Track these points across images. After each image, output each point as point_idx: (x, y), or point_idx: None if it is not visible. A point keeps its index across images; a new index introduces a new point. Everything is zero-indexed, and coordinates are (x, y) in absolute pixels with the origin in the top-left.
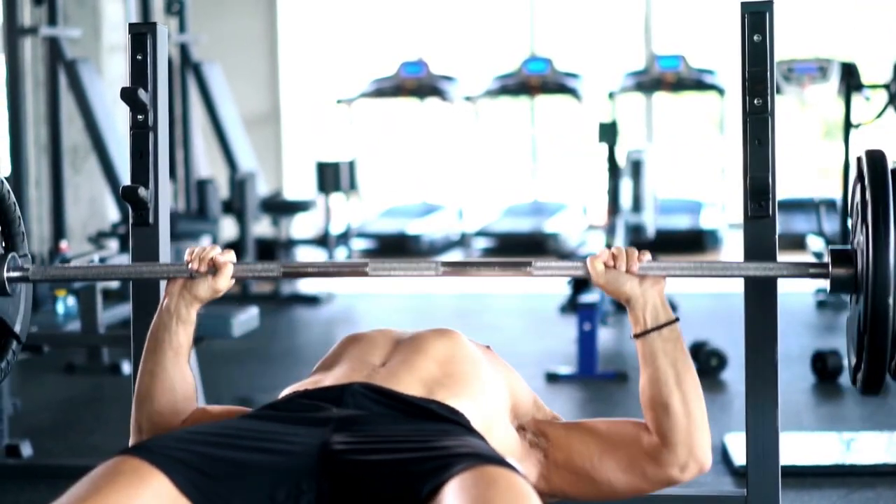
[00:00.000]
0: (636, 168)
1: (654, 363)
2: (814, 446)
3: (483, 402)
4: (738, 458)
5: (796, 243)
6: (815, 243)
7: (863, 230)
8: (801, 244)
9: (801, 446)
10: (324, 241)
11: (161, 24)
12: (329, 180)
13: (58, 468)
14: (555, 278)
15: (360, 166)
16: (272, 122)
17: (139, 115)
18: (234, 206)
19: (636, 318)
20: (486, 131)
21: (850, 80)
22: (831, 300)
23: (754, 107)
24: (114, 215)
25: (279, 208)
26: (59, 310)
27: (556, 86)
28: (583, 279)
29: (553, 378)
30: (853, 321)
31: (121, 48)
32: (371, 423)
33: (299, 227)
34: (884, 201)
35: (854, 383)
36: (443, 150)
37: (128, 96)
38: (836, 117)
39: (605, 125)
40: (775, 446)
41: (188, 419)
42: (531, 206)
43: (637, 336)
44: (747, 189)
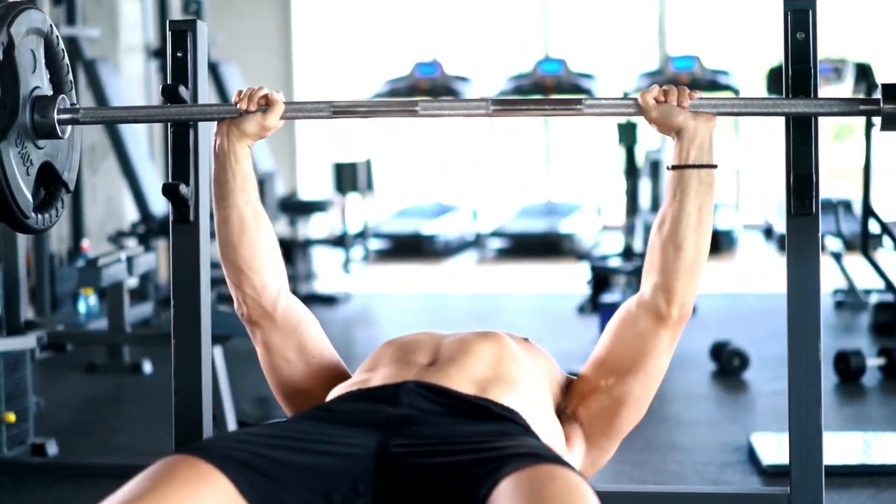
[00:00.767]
0: (655, 169)
1: (682, 199)
2: (840, 446)
3: (531, 399)
4: (766, 457)
5: None
6: (832, 244)
7: None
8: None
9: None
10: (341, 240)
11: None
12: (346, 180)
13: (85, 467)
14: (605, 118)
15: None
16: (287, 122)
17: None
18: None
19: (680, 150)
20: (501, 132)
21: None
22: (849, 301)
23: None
24: (131, 215)
25: (297, 208)
26: (81, 308)
27: (571, 86)
28: (603, 278)
29: None
30: None
31: (138, 48)
32: (428, 424)
33: (315, 227)
34: None
35: None
36: (457, 150)
37: (168, 93)
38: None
39: (624, 126)
40: (819, 445)
41: (282, 296)
42: (545, 206)
43: (675, 167)
44: (791, 187)
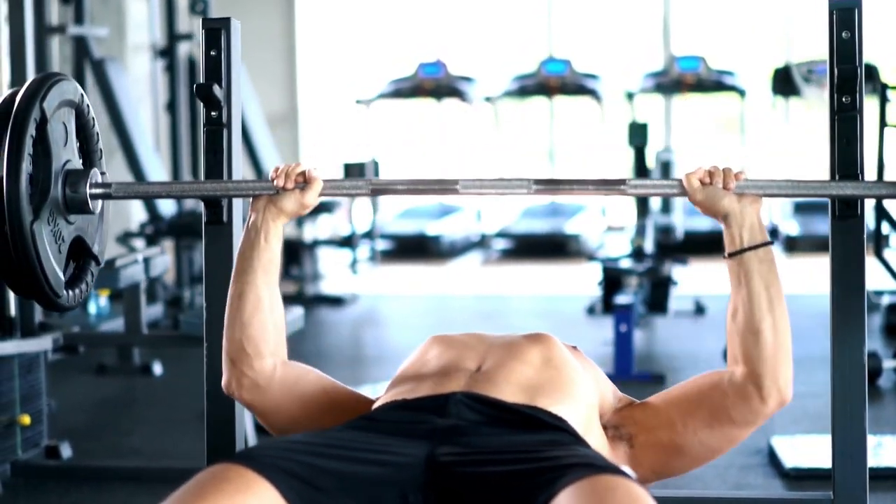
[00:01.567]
0: (665, 169)
1: (748, 284)
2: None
3: (580, 406)
4: (788, 460)
5: (816, 245)
6: None
7: None
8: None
9: None
10: (349, 241)
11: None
12: None
13: (101, 470)
14: (650, 197)
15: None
16: (290, 122)
17: (213, 112)
18: None
19: (732, 237)
20: (505, 132)
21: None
22: None
23: (843, 105)
24: (138, 215)
25: None
26: (91, 310)
27: (575, 87)
28: (614, 279)
29: None
30: None
31: (144, 47)
32: (477, 435)
33: (322, 227)
34: None
35: None
36: (461, 150)
37: (202, 92)
38: None
39: (634, 126)
40: (863, 450)
41: (278, 368)
42: (549, 207)
43: (732, 255)
44: None
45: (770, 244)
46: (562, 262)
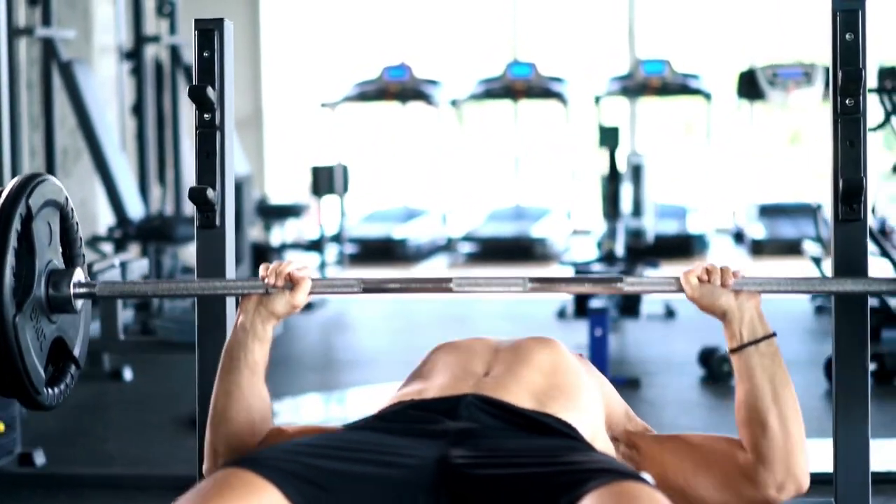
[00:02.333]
0: (637, 173)
1: (751, 379)
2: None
3: (588, 414)
4: None
5: (782, 248)
6: (812, 248)
7: None
8: (789, 249)
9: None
10: (317, 244)
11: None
12: (323, 184)
13: (76, 477)
14: (646, 294)
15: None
16: (255, 125)
17: (206, 114)
18: None
19: (732, 333)
20: (470, 135)
21: None
22: (829, 305)
23: (846, 107)
24: (105, 219)
25: (273, 212)
26: None
27: (541, 90)
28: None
29: None
30: None
31: (111, 50)
32: (490, 437)
33: (288, 231)
34: None
35: None
36: (426, 154)
37: (196, 94)
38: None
39: (606, 129)
40: (866, 455)
41: (264, 440)
42: (515, 210)
43: (733, 351)
44: (839, 191)
45: (772, 336)
46: (528, 265)
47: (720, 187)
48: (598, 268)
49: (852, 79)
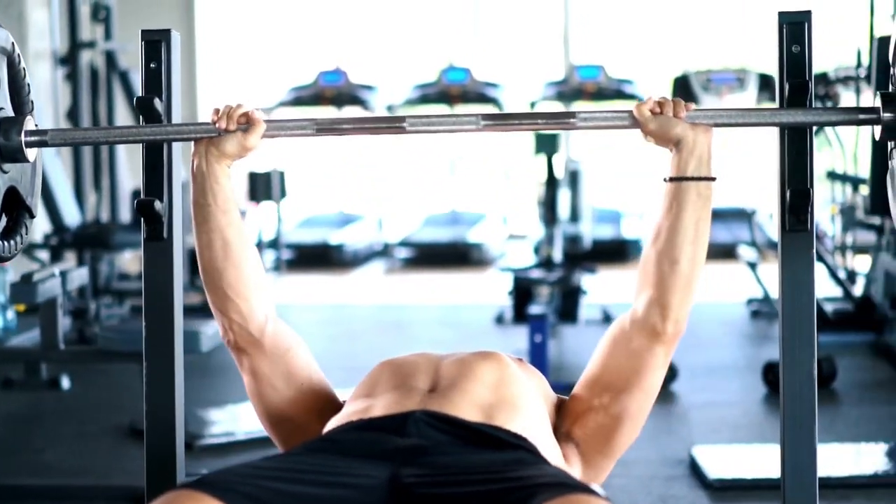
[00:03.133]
0: (574, 178)
1: (679, 213)
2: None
3: (535, 422)
4: (711, 471)
5: (718, 253)
6: (747, 253)
7: None
8: (725, 254)
9: (760, 458)
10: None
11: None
12: (260, 190)
13: (16, 489)
14: (598, 130)
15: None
16: None
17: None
18: None
19: (679, 161)
20: (406, 140)
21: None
22: (765, 310)
23: None
24: (41, 225)
25: None
26: None
27: (476, 95)
28: (525, 288)
29: None
30: None
31: (46, 55)
32: (440, 454)
33: None
34: None
35: None
36: (362, 159)
37: (143, 105)
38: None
39: (543, 135)
40: (813, 461)
41: (270, 321)
42: (451, 215)
43: (673, 179)
44: (786, 202)
45: (713, 180)
46: (465, 270)
47: (654, 192)
48: (536, 273)
49: (799, 90)
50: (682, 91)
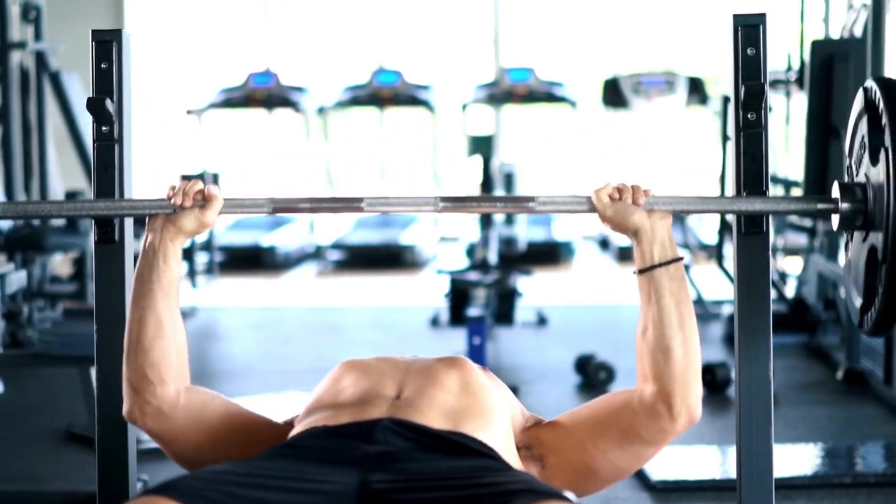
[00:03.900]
0: (509, 180)
1: (658, 301)
2: (716, 459)
3: (500, 430)
4: (654, 473)
5: None
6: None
7: (874, 162)
8: None
9: (701, 460)
10: (188, 253)
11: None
12: None
13: None
14: (557, 213)
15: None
16: None
17: (104, 127)
18: None
19: (642, 253)
20: (337, 143)
21: (697, 93)
22: (699, 312)
23: (748, 121)
24: None
25: (142, 221)
26: None
27: (407, 97)
28: (462, 290)
29: None
30: (858, 260)
31: None
32: (409, 461)
33: None
34: None
35: (861, 325)
36: (293, 161)
37: (94, 106)
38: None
39: (478, 138)
40: (769, 462)
41: (182, 394)
42: (382, 218)
43: (642, 272)
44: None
45: (680, 260)
46: (397, 272)
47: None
48: (472, 275)
49: (754, 93)
50: (612, 94)
